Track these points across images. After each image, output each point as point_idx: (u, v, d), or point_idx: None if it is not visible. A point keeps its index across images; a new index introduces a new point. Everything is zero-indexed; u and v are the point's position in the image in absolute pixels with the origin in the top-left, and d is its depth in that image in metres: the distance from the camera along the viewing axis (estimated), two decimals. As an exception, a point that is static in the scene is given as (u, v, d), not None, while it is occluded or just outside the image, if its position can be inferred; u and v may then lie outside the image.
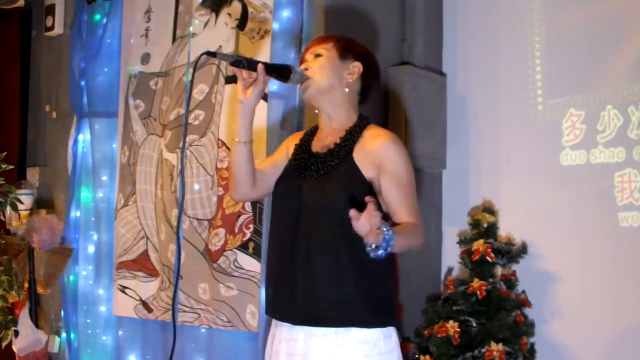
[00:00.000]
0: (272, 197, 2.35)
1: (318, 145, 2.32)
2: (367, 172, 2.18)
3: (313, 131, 2.39)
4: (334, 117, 2.30)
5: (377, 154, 2.19)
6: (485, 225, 3.64)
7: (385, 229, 1.93)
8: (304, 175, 2.25)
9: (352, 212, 1.91)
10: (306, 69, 2.28)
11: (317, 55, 2.30)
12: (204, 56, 3.97)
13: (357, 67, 2.30)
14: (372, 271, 2.15)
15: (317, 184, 2.20)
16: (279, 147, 2.49)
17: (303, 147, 2.34)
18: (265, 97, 3.37)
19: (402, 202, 2.16)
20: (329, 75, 2.27)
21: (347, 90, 2.29)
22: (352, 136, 2.25)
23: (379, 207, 2.06)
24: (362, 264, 2.13)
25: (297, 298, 2.17)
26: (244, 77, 2.22)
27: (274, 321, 2.30)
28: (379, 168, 2.18)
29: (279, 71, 2.26)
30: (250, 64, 2.21)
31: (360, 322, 2.15)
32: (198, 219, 3.70)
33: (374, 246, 1.93)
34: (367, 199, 1.91)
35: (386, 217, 2.12)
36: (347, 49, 2.31)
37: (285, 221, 2.24)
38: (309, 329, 2.17)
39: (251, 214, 3.53)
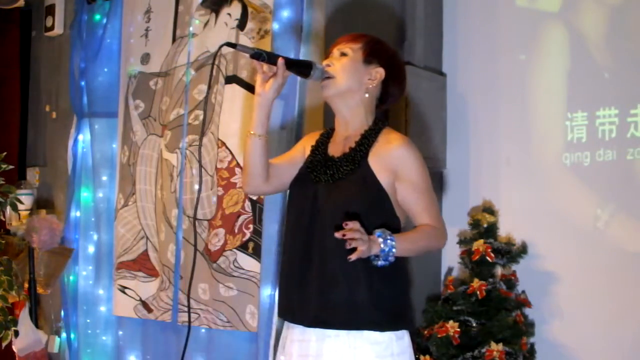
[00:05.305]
0: (288, 200, 2.36)
1: (334, 148, 2.32)
2: (382, 177, 2.20)
3: (330, 133, 2.39)
4: (350, 120, 2.30)
5: (392, 159, 2.21)
6: (485, 225, 3.64)
7: (381, 240, 2.04)
8: (319, 179, 2.26)
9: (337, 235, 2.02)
10: (328, 66, 2.27)
11: (343, 54, 2.29)
12: (205, 55, 4.01)
13: (379, 73, 2.29)
14: (386, 275, 2.16)
15: (332, 189, 2.22)
16: (295, 145, 2.50)
17: (319, 150, 2.35)
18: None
19: (423, 206, 2.21)
20: (349, 77, 2.26)
21: (366, 95, 2.29)
22: (367, 140, 2.25)
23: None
24: (376, 268, 2.13)
25: (310, 301, 2.18)
26: (264, 70, 2.22)
27: (285, 322, 2.31)
28: (395, 174, 2.20)
29: (299, 67, 2.25)
30: (270, 58, 2.21)
31: (372, 325, 2.16)
32: (198, 219, 3.70)
33: (373, 256, 2.06)
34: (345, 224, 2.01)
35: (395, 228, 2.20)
36: (373, 54, 2.29)
37: (300, 224, 2.25)
38: (322, 330, 2.18)
39: (251, 214, 3.53)
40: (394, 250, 2.06)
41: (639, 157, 3.53)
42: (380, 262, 2.07)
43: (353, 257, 2.01)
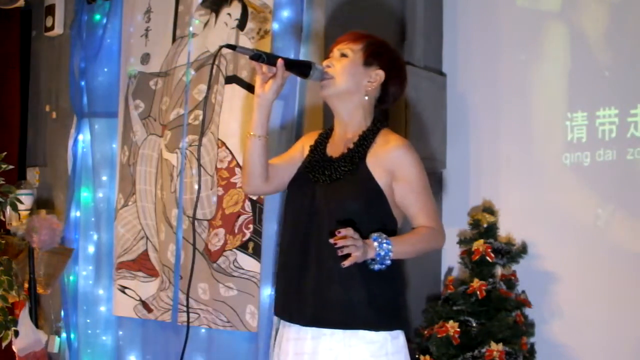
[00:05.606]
0: (285, 199, 2.37)
1: (332, 148, 2.33)
2: (380, 178, 2.21)
3: (328, 133, 2.39)
4: (348, 121, 2.31)
5: (389, 160, 2.21)
6: (485, 225, 3.63)
7: (377, 244, 2.07)
8: (317, 179, 2.27)
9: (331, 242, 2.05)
10: (328, 66, 2.27)
11: (343, 55, 2.29)
12: (205, 55, 4.00)
13: (379, 75, 2.29)
14: (382, 275, 2.16)
15: (330, 189, 2.23)
16: (294, 144, 2.51)
17: (318, 150, 2.36)
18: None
19: (420, 207, 2.22)
20: (348, 79, 2.26)
21: (366, 98, 2.29)
22: (365, 141, 2.26)
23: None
24: (372, 269, 2.13)
25: (306, 300, 2.20)
26: (263, 71, 2.23)
27: (282, 321, 2.32)
28: (392, 174, 2.21)
29: (299, 67, 2.26)
30: (269, 59, 2.21)
31: (367, 325, 2.17)
32: (198, 219, 3.70)
33: (370, 260, 2.08)
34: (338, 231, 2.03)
35: (390, 231, 2.20)
36: (374, 56, 2.29)
37: (298, 224, 2.26)
38: (318, 328, 2.19)
39: (251, 214, 3.53)
40: (390, 254, 2.08)
41: (639, 157, 3.53)
42: (376, 266, 2.10)
43: (347, 263, 2.02)
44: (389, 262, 2.09)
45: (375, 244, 2.07)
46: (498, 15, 3.99)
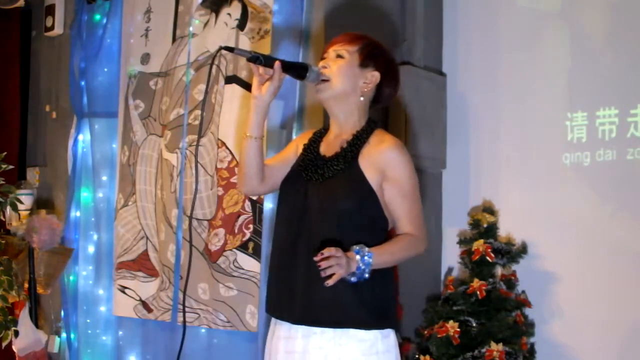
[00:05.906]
0: (278, 197, 2.37)
1: (326, 147, 2.34)
2: (372, 178, 2.21)
3: (322, 132, 2.40)
4: (344, 121, 2.32)
5: (382, 160, 2.22)
6: (485, 225, 3.64)
7: (359, 257, 2.08)
8: (310, 178, 2.27)
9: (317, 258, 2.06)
10: (324, 67, 2.28)
11: (339, 56, 2.29)
12: (205, 55, 4.00)
13: (375, 77, 2.29)
14: (372, 274, 2.16)
15: (322, 188, 2.23)
16: (289, 144, 2.52)
17: (311, 148, 2.36)
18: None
19: (406, 211, 2.23)
20: (345, 81, 2.27)
21: (361, 99, 2.30)
22: (358, 141, 2.27)
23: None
24: (348, 281, 2.14)
25: (296, 298, 2.20)
26: (260, 73, 2.23)
27: (273, 319, 2.33)
28: (383, 174, 2.21)
29: (296, 69, 2.26)
30: (267, 61, 2.22)
31: (357, 324, 2.17)
32: (198, 219, 3.70)
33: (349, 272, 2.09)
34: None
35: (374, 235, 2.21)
36: (370, 57, 2.29)
37: (289, 222, 2.27)
38: (308, 327, 2.20)
39: (251, 214, 3.53)
40: (369, 267, 2.09)
41: (639, 157, 3.54)
42: (353, 279, 2.10)
43: (330, 282, 2.04)
44: (367, 275, 2.10)
45: (358, 257, 2.08)
46: (498, 15, 3.99)
